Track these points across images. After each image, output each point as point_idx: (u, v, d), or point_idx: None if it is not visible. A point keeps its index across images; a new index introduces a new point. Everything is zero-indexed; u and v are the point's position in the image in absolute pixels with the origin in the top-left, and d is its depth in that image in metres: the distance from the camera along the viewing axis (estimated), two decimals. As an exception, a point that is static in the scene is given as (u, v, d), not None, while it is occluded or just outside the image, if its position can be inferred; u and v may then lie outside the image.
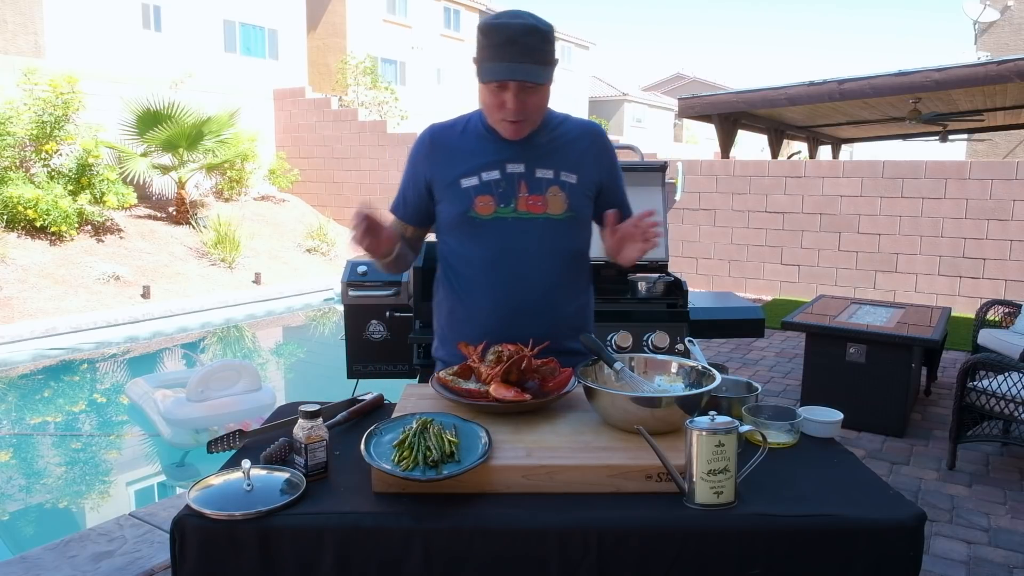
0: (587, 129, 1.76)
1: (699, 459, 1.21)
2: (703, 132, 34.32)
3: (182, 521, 1.19)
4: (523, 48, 1.50)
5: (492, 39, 1.52)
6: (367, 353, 3.57)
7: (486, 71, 1.54)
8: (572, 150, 1.71)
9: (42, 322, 7.62)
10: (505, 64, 1.51)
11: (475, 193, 1.65)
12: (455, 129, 1.72)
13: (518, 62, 1.51)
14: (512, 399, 1.43)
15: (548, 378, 1.52)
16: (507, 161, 1.66)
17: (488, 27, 1.53)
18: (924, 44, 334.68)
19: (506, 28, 1.51)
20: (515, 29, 1.50)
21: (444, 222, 1.72)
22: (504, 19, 1.52)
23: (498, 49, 1.51)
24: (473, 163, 1.66)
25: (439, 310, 1.84)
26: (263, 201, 13.56)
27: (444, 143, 1.71)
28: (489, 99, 1.58)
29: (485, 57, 1.53)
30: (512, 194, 1.66)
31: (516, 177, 1.66)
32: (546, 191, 1.67)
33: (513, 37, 1.50)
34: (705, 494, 1.22)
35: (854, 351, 4.14)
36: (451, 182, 1.67)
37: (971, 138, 15.61)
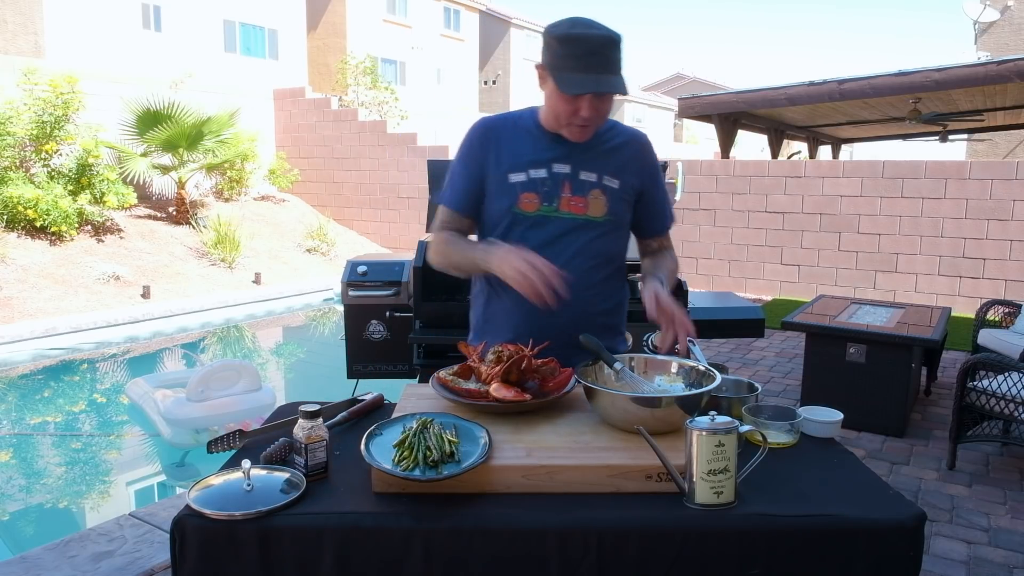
0: (633, 137, 1.81)
1: (699, 459, 1.21)
2: (703, 132, 34.32)
3: (182, 521, 1.19)
4: (604, 59, 1.54)
5: (573, 49, 1.54)
6: (367, 353, 3.57)
7: (569, 82, 1.55)
8: (617, 156, 1.75)
9: (42, 322, 7.62)
10: (591, 76, 1.54)
11: (521, 189, 1.69)
12: (507, 124, 1.75)
13: (601, 73, 1.54)
14: (512, 399, 1.43)
15: (548, 378, 1.52)
16: (554, 161, 1.70)
17: (568, 37, 1.55)
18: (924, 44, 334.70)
19: (587, 39, 1.54)
20: (595, 41, 1.54)
21: (489, 216, 1.75)
22: (581, 29, 1.55)
23: (580, 60, 1.54)
24: (522, 159, 1.70)
25: (475, 303, 1.88)
26: (263, 201, 13.56)
27: (496, 137, 1.73)
28: (563, 106, 1.60)
29: (566, 67, 1.55)
30: (556, 193, 1.70)
31: (561, 177, 1.70)
32: (588, 193, 1.71)
33: (594, 48, 1.54)
34: (705, 494, 1.22)
35: (854, 351, 4.14)
36: (500, 176, 1.70)
37: (971, 138, 15.61)
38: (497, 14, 30.23)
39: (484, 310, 1.83)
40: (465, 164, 1.75)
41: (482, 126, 1.76)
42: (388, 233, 13.12)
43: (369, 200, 13.30)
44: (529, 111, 1.76)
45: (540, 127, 1.71)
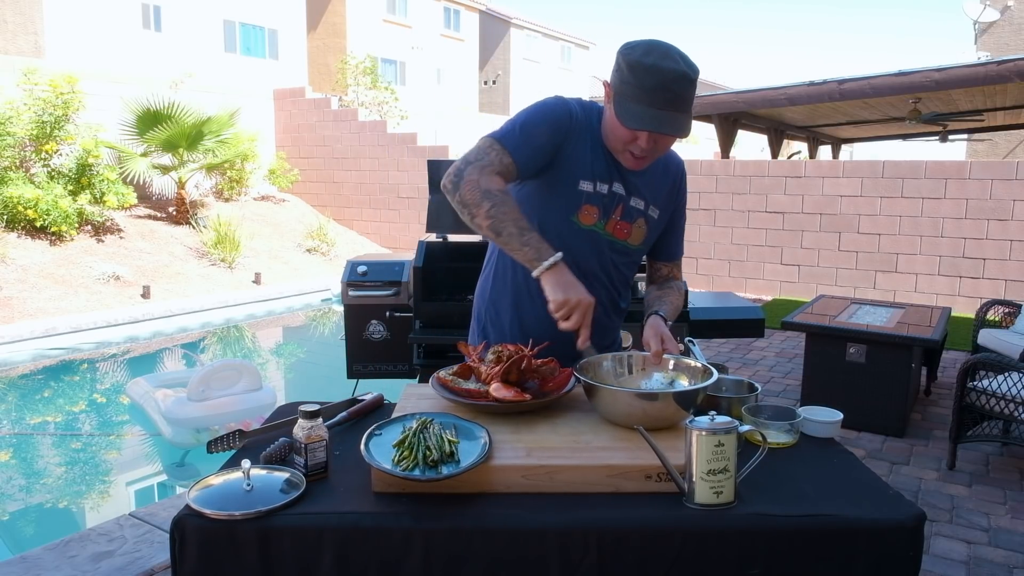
0: (675, 165, 1.76)
1: (699, 459, 1.21)
2: (703, 132, 34.27)
3: (182, 521, 1.19)
4: (672, 97, 1.46)
5: (641, 80, 1.45)
6: (367, 353, 3.57)
7: (631, 115, 1.48)
8: (662, 185, 1.72)
9: (42, 322, 7.62)
10: (653, 112, 1.46)
11: (586, 200, 1.62)
12: (589, 121, 1.62)
13: (665, 111, 1.46)
14: (511, 399, 1.43)
15: (548, 378, 1.52)
16: (616, 180, 1.64)
17: (639, 66, 1.45)
18: (924, 44, 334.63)
19: (658, 72, 1.44)
20: (668, 76, 1.44)
21: (544, 207, 1.62)
22: (655, 59, 1.45)
23: (647, 93, 1.45)
24: (597, 167, 1.62)
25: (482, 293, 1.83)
26: (263, 201, 13.56)
27: (581, 130, 1.61)
28: (621, 132, 1.53)
29: (631, 97, 1.47)
30: (609, 214, 1.65)
31: (617, 199, 1.65)
32: (635, 221, 1.68)
33: (665, 84, 1.45)
34: (705, 494, 1.22)
35: (854, 351, 4.14)
36: (570, 177, 1.61)
37: (971, 138, 15.61)
38: (497, 14, 30.23)
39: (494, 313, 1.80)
40: (553, 129, 1.58)
41: (572, 106, 1.62)
42: (388, 233, 13.12)
43: (369, 200, 13.30)
44: (597, 111, 1.65)
45: (600, 139, 1.62)
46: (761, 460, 1.29)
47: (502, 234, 1.48)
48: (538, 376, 1.52)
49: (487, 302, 1.82)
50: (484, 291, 1.84)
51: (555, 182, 1.62)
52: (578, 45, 34.45)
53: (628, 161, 1.59)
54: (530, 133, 1.57)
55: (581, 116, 1.62)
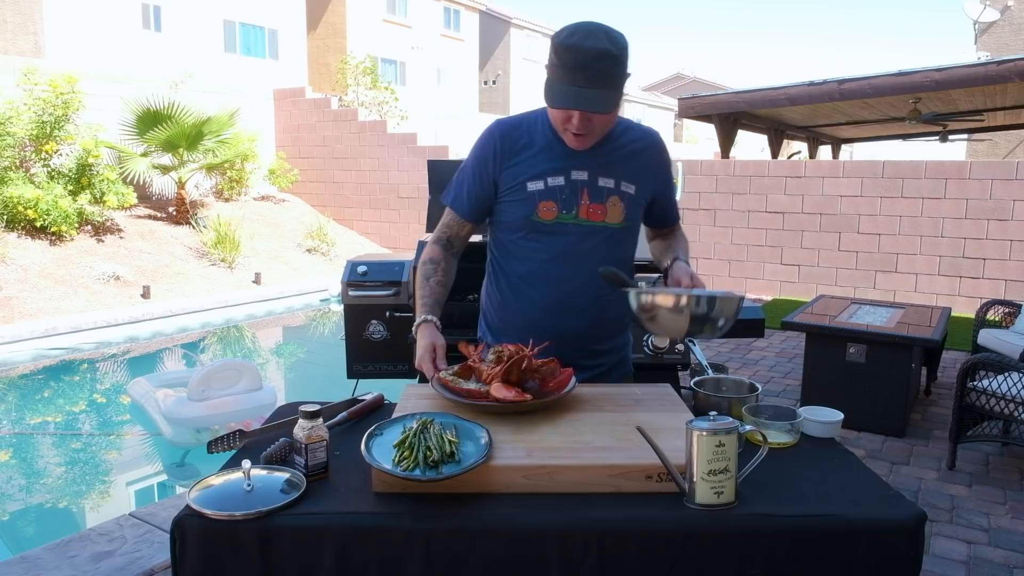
0: (649, 139, 1.77)
1: (699, 459, 1.21)
2: (703, 132, 34.32)
3: (182, 521, 1.19)
4: (592, 74, 1.49)
5: (563, 60, 1.49)
6: (367, 353, 3.57)
7: (553, 94, 1.53)
8: (634, 161, 1.73)
9: (42, 322, 7.62)
10: (573, 89, 1.50)
11: (539, 198, 1.67)
12: (522, 129, 1.70)
13: (585, 87, 1.49)
14: (512, 399, 1.43)
15: (548, 378, 1.52)
16: (572, 168, 1.67)
17: (561, 47, 1.50)
18: (924, 44, 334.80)
19: (578, 51, 1.48)
20: (587, 54, 1.48)
21: (505, 221, 1.73)
22: (577, 39, 1.49)
23: (567, 72, 1.49)
24: (540, 167, 1.67)
25: (489, 298, 1.88)
26: (263, 201, 13.56)
27: (513, 143, 1.69)
28: (554, 113, 1.59)
29: (555, 77, 1.52)
30: (575, 201, 1.67)
31: (579, 185, 1.67)
32: (606, 200, 1.69)
33: (585, 61, 1.48)
34: (705, 494, 1.22)
35: (854, 351, 4.14)
36: (517, 184, 1.68)
37: (971, 138, 15.61)
38: (497, 14, 30.23)
39: (499, 310, 1.83)
40: (477, 170, 1.72)
41: (498, 131, 1.71)
42: (388, 233, 13.12)
43: (369, 200, 13.30)
44: (542, 113, 1.71)
45: (556, 133, 1.67)
46: (762, 460, 1.29)
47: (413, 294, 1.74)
48: (539, 376, 1.52)
49: (488, 305, 1.88)
50: (485, 293, 1.91)
51: (511, 192, 1.69)
52: (578, 45, 34.41)
53: (571, 141, 1.62)
54: (464, 187, 1.75)
55: (516, 126, 1.71)
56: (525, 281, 1.74)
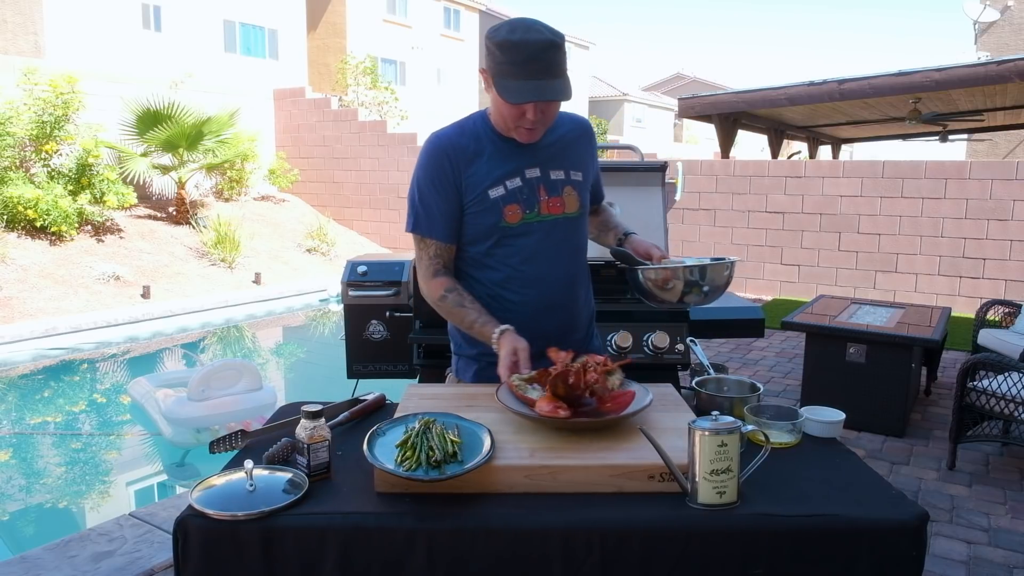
0: (581, 126, 1.82)
1: (702, 459, 1.21)
2: (703, 132, 34.33)
3: (185, 521, 1.19)
4: (544, 65, 1.51)
5: (512, 56, 1.51)
6: (367, 353, 3.56)
7: (511, 90, 1.53)
8: (574, 149, 1.78)
9: (42, 322, 7.62)
10: (532, 83, 1.52)
11: (503, 203, 1.67)
12: (464, 137, 1.69)
13: (542, 79, 1.52)
14: (546, 414, 1.38)
15: (605, 397, 1.44)
16: (525, 167, 1.69)
17: (506, 44, 1.51)
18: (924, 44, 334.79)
19: (525, 46, 1.50)
20: (535, 47, 1.50)
21: (472, 234, 1.71)
22: (520, 35, 1.51)
23: (520, 67, 1.51)
24: (495, 173, 1.67)
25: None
26: (263, 201, 13.56)
27: (462, 153, 1.67)
28: (509, 111, 1.59)
29: (507, 74, 1.53)
30: (535, 199, 1.69)
31: (535, 182, 1.70)
32: (562, 192, 1.73)
33: (534, 54, 1.50)
34: (708, 494, 1.22)
35: (854, 351, 4.14)
36: (479, 194, 1.67)
37: (971, 138, 15.62)
38: (497, 14, 30.22)
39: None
40: (439, 189, 1.68)
41: (444, 144, 1.68)
42: (388, 233, 13.12)
43: (369, 200, 13.29)
44: (479, 117, 1.71)
45: (498, 135, 1.68)
46: (764, 460, 1.29)
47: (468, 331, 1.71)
48: (594, 393, 1.44)
49: None
50: None
51: (473, 204, 1.68)
52: (578, 45, 34.44)
53: (522, 136, 1.64)
54: (432, 211, 1.69)
55: (458, 136, 1.69)
56: (502, 287, 1.72)
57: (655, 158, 4.91)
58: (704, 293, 1.66)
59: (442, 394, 1.63)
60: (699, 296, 1.66)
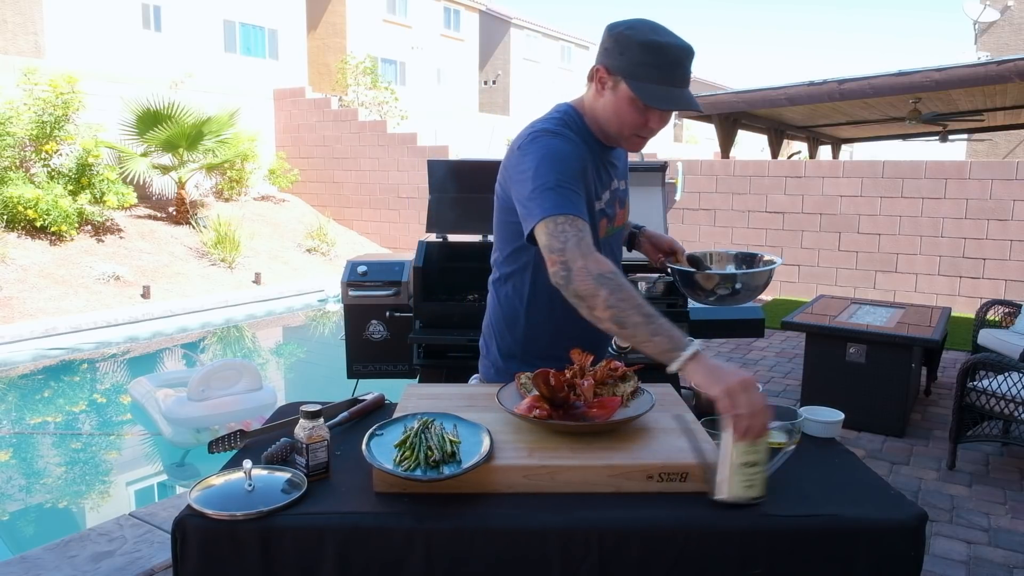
0: None
1: (735, 452, 1.19)
2: (703, 132, 34.31)
3: (183, 521, 1.19)
4: (685, 73, 1.46)
5: (657, 59, 1.42)
6: (367, 353, 3.57)
7: (656, 95, 1.43)
8: (622, 156, 1.72)
9: (42, 322, 7.62)
10: (677, 91, 1.45)
11: (600, 217, 1.59)
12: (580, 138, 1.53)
13: (684, 87, 1.46)
14: (520, 412, 1.38)
15: (590, 403, 1.41)
16: (614, 178, 1.63)
17: (653, 45, 1.42)
18: (924, 44, 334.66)
19: (672, 50, 1.43)
20: (682, 52, 1.44)
21: None
22: (666, 38, 1.43)
23: (666, 71, 1.43)
24: (600, 182, 1.57)
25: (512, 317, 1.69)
26: (263, 201, 13.56)
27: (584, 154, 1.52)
28: (633, 117, 1.47)
29: (650, 77, 1.43)
30: (614, 213, 1.64)
31: (616, 195, 1.65)
32: (625, 203, 1.71)
33: (680, 60, 1.44)
34: (737, 488, 1.20)
35: (854, 351, 4.14)
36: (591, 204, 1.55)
37: (971, 138, 15.61)
38: (497, 14, 30.23)
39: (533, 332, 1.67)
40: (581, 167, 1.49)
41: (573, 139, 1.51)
42: (388, 233, 13.12)
43: (369, 200, 13.30)
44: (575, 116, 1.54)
45: (594, 139, 1.55)
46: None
47: (626, 326, 1.29)
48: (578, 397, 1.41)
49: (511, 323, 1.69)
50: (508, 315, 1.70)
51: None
52: (578, 45, 34.44)
53: (633, 145, 1.55)
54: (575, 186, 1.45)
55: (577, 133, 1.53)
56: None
57: (655, 158, 4.92)
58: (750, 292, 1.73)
59: (441, 394, 1.63)
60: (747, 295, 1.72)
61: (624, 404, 1.43)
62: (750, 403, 1.17)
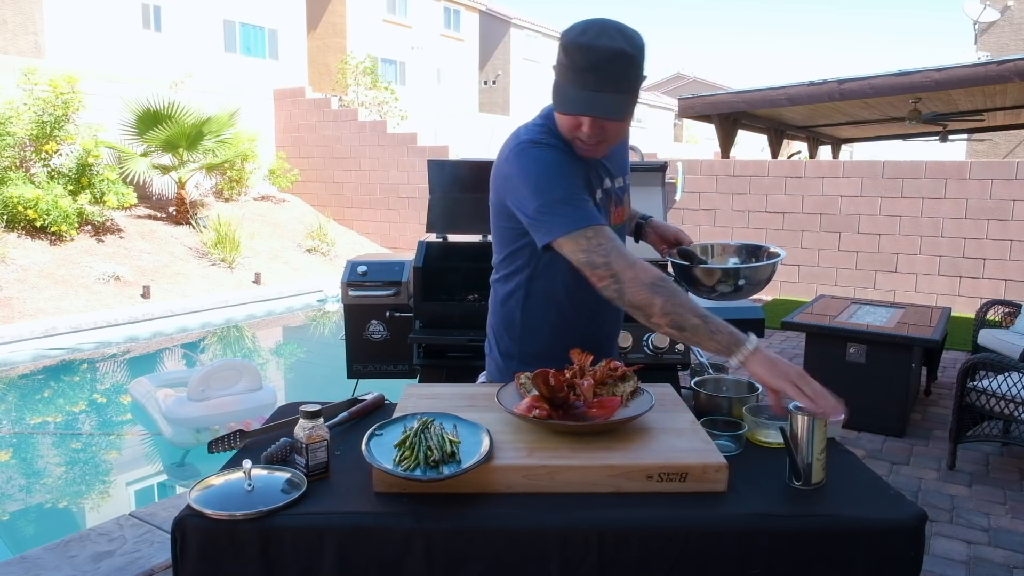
0: None
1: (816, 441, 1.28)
2: (703, 132, 34.32)
3: (183, 521, 1.19)
4: (607, 76, 1.36)
5: (575, 60, 1.36)
6: (367, 353, 3.56)
7: (563, 98, 1.40)
8: (622, 152, 1.71)
9: (42, 322, 7.62)
10: (587, 94, 1.37)
11: None
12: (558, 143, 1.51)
13: (598, 92, 1.37)
14: (520, 412, 1.38)
15: (590, 403, 1.41)
16: (604, 177, 1.62)
17: (572, 46, 1.36)
18: (924, 44, 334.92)
19: (592, 51, 1.35)
20: (601, 55, 1.34)
21: None
22: (589, 38, 1.36)
23: (580, 74, 1.36)
24: (590, 184, 1.56)
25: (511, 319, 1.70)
26: (263, 201, 13.56)
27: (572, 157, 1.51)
28: (562, 120, 1.46)
29: (565, 80, 1.39)
30: (608, 211, 1.62)
31: (609, 193, 1.63)
32: (623, 201, 1.69)
33: (598, 63, 1.35)
34: (820, 472, 1.30)
35: (854, 351, 4.14)
36: None
37: (971, 138, 15.61)
38: (497, 14, 30.23)
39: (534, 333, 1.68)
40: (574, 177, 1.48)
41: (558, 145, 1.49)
42: (388, 233, 13.12)
43: (369, 200, 13.30)
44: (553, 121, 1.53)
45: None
46: (763, 460, 1.33)
47: (685, 328, 1.35)
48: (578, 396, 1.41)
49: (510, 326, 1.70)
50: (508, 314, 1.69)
51: None
52: (578, 45, 34.39)
53: (580, 149, 1.49)
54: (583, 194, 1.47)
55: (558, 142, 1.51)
56: (571, 293, 1.61)
57: (655, 158, 4.92)
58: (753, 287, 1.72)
59: (441, 394, 1.63)
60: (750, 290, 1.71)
61: (624, 404, 1.43)
62: (815, 388, 1.28)
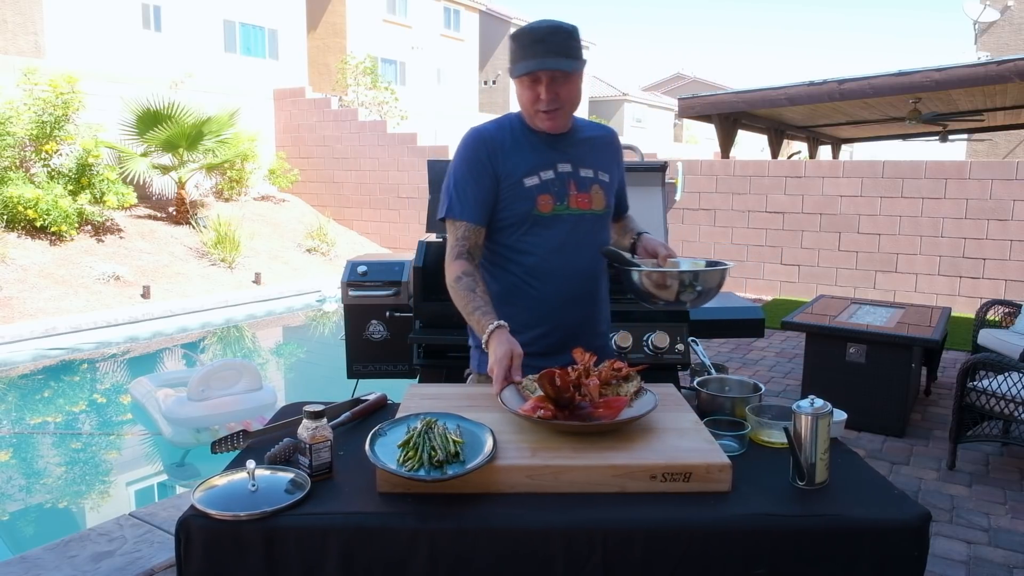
0: (609, 134, 1.94)
1: (820, 441, 1.29)
2: (703, 132, 34.32)
3: (187, 522, 1.19)
4: (550, 45, 1.65)
5: (521, 41, 1.67)
6: (367, 353, 3.56)
7: (517, 68, 1.67)
8: (603, 153, 1.88)
9: (42, 322, 7.62)
10: (535, 59, 1.65)
11: (537, 192, 1.76)
12: (503, 131, 1.80)
13: (546, 56, 1.64)
14: (523, 412, 1.38)
15: (596, 403, 1.41)
16: (557, 162, 1.79)
17: (517, 33, 1.69)
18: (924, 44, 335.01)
19: (533, 30, 1.66)
20: (541, 30, 1.66)
21: (504, 219, 1.79)
22: (532, 24, 1.67)
23: (527, 48, 1.66)
24: (531, 163, 1.77)
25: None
26: (263, 201, 13.55)
27: (500, 145, 1.77)
28: (525, 94, 1.71)
29: (517, 58, 1.68)
30: (565, 192, 1.78)
31: (566, 176, 1.79)
32: (590, 189, 1.82)
33: (540, 36, 1.65)
34: (823, 473, 1.31)
35: (854, 351, 4.14)
36: (515, 182, 1.76)
37: (971, 138, 15.62)
38: (497, 14, 30.23)
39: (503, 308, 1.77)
40: (475, 175, 1.76)
41: (482, 136, 1.79)
42: (388, 233, 13.12)
43: (369, 200, 13.29)
44: (515, 116, 1.82)
45: (533, 131, 1.78)
46: (765, 460, 1.33)
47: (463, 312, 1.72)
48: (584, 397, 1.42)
49: None
50: None
51: (508, 191, 1.77)
52: (578, 45, 34.40)
53: (544, 123, 1.73)
54: (466, 195, 1.76)
55: (496, 130, 1.79)
56: (530, 275, 1.79)
57: (655, 158, 4.92)
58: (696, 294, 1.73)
59: (443, 394, 1.63)
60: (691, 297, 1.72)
61: (628, 404, 1.43)
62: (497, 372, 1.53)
